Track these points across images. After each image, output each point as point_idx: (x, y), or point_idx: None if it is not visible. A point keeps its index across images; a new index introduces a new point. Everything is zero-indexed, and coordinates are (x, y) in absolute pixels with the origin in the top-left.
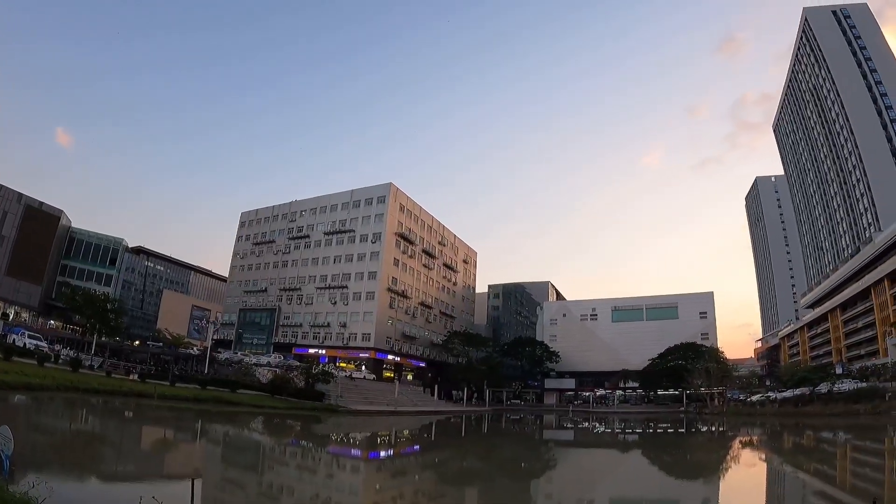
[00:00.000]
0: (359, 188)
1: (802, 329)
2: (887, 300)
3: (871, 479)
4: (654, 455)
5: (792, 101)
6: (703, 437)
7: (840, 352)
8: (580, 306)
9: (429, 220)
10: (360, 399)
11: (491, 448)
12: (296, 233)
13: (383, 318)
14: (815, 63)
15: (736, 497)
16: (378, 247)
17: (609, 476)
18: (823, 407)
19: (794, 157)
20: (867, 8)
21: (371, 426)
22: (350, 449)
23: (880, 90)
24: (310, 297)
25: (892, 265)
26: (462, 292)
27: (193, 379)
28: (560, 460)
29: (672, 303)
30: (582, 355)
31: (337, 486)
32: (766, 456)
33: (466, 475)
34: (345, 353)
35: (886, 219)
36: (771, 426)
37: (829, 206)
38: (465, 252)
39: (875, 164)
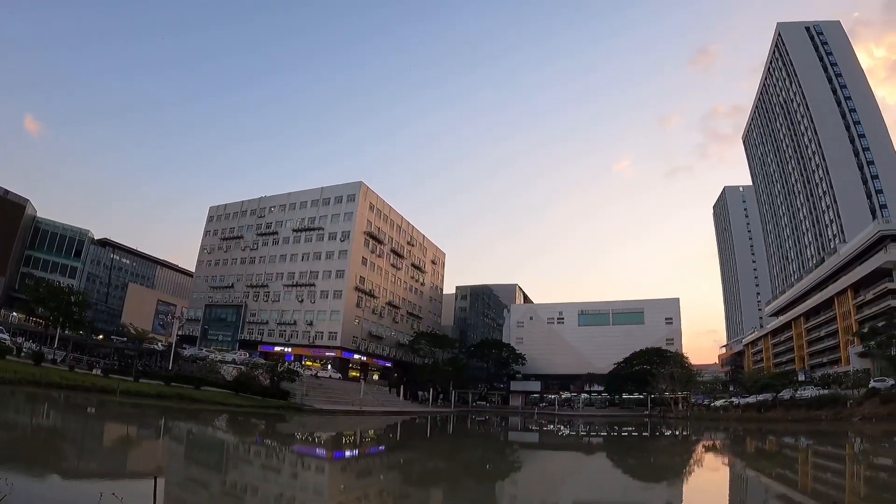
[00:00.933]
0: (329, 186)
1: (766, 336)
2: (850, 310)
3: (832, 483)
4: (619, 458)
5: (762, 114)
6: (667, 440)
7: (803, 359)
8: (547, 309)
9: (398, 219)
10: (326, 398)
11: (456, 449)
12: (264, 229)
13: (350, 317)
14: (786, 77)
15: (699, 500)
16: (346, 245)
17: (574, 478)
18: (786, 413)
19: (763, 168)
20: (840, 26)
21: (336, 426)
22: (315, 448)
23: (849, 106)
24: (277, 294)
25: (856, 276)
26: (429, 293)
27: (157, 375)
28: (525, 462)
29: (638, 308)
30: (548, 358)
31: (301, 485)
32: (730, 460)
33: (431, 476)
34: (311, 352)
35: (851, 231)
36: (734, 431)
37: (796, 217)
38: (434, 253)
39: (841, 177)
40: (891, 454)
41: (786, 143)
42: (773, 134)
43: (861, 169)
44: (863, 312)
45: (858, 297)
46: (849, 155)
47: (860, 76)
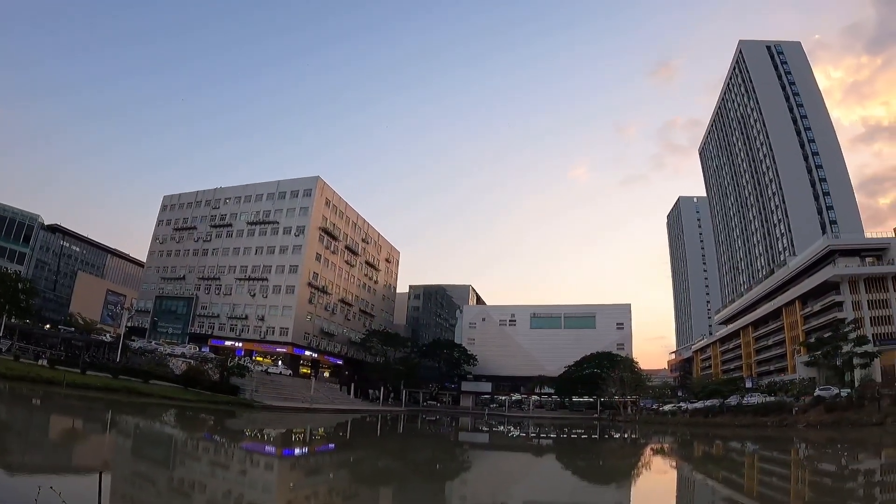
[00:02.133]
0: (285, 179)
1: (715, 344)
2: (797, 321)
3: (777, 487)
4: (568, 460)
5: (719, 128)
6: (615, 443)
7: (750, 367)
8: (499, 311)
9: (354, 216)
10: (276, 395)
11: (406, 448)
12: (218, 220)
13: (302, 314)
14: (745, 93)
15: (644, 502)
16: (301, 240)
17: (524, 479)
18: (733, 418)
19: (717, 180)
20: (800, 47)
21: (286, 423)
22: (264, 445)
23: (805, 124)
24: (229, 287)
25: (804, 288)
26: (383, 291)
27: (105, 367)
28: (475, 462)
29: (590, 312)
30: (499, 360)
31: (250, 483)
32: (677, 463)
33: (381, 475)
34: (262, 347)
35: (801, 244)
36: (682, 435)
37: (748, 229)
38: (389, 251)
39: (793, 192)
40: (834, 460)
41: (741, 157)
42: (728, 148)
43: (813, 185)
44: (810, 323)
45: (806, 309)
46: (802, 171)
47: (817, 96)
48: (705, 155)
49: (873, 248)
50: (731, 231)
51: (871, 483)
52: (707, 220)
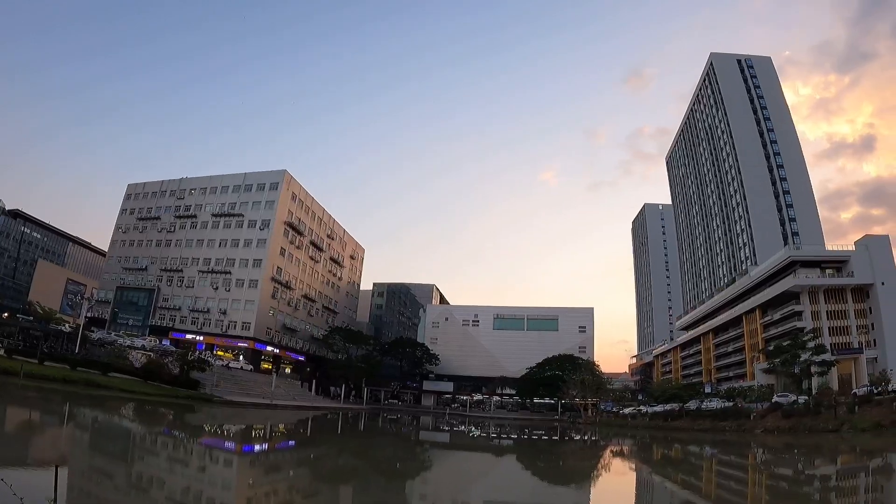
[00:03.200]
0: (252, 172)
1: (676, 349)
2: (757, 329)
3: (734, 490)
4: (529, 460)
5: (687, 137)
6: (576, 444)
7: (710, 372)
8: (463, 311)
9: (320, 212)
10: (237, 390)
11: (367, 447)
12: (183, 211)
13: (265, 308)
14: (714, 105)
15: (604, 502)
16: (266, 234)
17: (483, 479)
18: (692, 422)
19: (683, 188)
20: (770, 62)
21: (246, 419)
22: (224, 441)
23: (771, 137)
24: (191, 279)
25: (765, 297)
26: (347, 288)
27: (64, 358)
28: (436, 462)
29: (553, 315)
30: (462, 360)
31: (209, 479)
32: (636, 465)
33: (342, 473)
34: (223, 342)
35: (763, 254)
36: (641, 438)
37: (711, 238)
38: (354, 248)
39: (757, 203)
40: (791, 465)
41: (707, 166)
42: (695, 157)
43: (777, 197)
44: (769, 331)
45: (766, 317)
46: (766, 183)
47: (784, 111)
48: (672, 163)
49: (833, 261)
50: (695, 239)
51: (827, 488)
52: (671, 227)
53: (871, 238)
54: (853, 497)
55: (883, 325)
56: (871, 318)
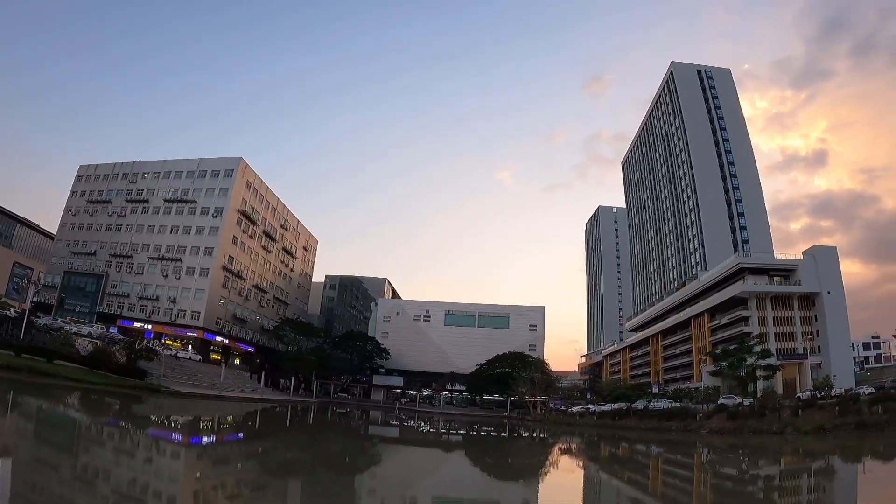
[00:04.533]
0: (207, 158)
1: (625, 350)
2: (705, 332)
3: (679, 489)
4: (477, 456)
5: (644, 143)
6: (524, 441)
7: (658, 373)
8: (415, 306)
9: (274, 201)
10: (185, 380)
11: (316, 441)
12: (135, 196)
13: (215, 298)
14: (672, 112)
15: (552, 500)
16: (218, 222)
17: (432, 474)
18: (639, 422)
19: (637, 193)
20: (729, 74)
21: (194, 410)
22: (171, 433)
23: (726, 147)
24: (141, 266)
25: (714, 302)
26: (298, 279)
27: (7, 344)
28: (385, 457)
29: (504, 313)
30: (412, 355)
31: (156, 471)
32: (584, 463)
33: (290, 467)
34: (172, 331)
35: (713, 260)
36: (589, 436)
37: (663, 242)
38: (307, 239)
39: (709, 210)
40: (735, 465)
41: (662, 172)
42: (651, 163)
43: (729, 205)
44: (717, 335)
45: (714, 321)
46: (719, 191)
47: (740, 122)
48: (628, 168)
49: (782, 269)
50: (647, 243)
51: (771, 488)
52: (624, 230)
53: (819, 248)
54: (796, 497)
55: (827, 332)
56: (817, 325)
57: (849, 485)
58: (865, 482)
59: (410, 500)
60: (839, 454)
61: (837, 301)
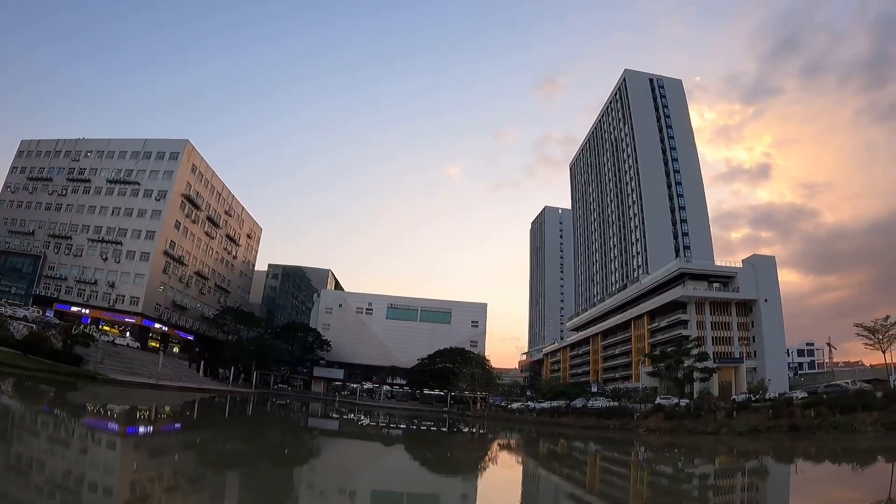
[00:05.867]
0: (152, 139)
1: (566, 349)
2: (645, 334)
3: (616, 485)
4: (417, 451)
5: (592, 146)
6: (464, 437)
7: (597, 373)
8: (357, 299)
9: (220, 186)
10: (122, 368)
11: (256, 432)
12: (77, 174)
13: (155, 283)
14: (622, 118)
15: (491, 494)
16: (162, 205)
17: (372, 468)
18: (578, 419)
19: (584, 196)
20: (681, 84)
21: (131, 399)
22: (108, 422)
23: (672, 155)
24: (80, 248)
25: (653, 305)
26: (241, 267)
27: None
28: (324, 449)
29: (447, 308)
30: (354, 347)
31: (91, 462)
32: (522, 459)
33: (228, 459)
34: (110, 316)
35: (654, 264)
36: (528, 432)
37: (606, 244)
38: (251, 226)
39: (653, 216)
40: (671, 463)
41: (609, 176)
42: (598, 167)
43: (673, 212)
44: (656, 337)
45: (654, 324)
46: (664, 198)
47: (688, 132)
48: (575, 170)
49: (721, 276)
50: (591, 244)
51: (705, 486)
52: (569, 231)
53: (758, 258)
54: (730, 495)
55: (763, 338)
56: (753, 331)
57: (782, 484)
58: (798, 482)
59: (350, 493)
60: (772, 455)
61: (774, 308)
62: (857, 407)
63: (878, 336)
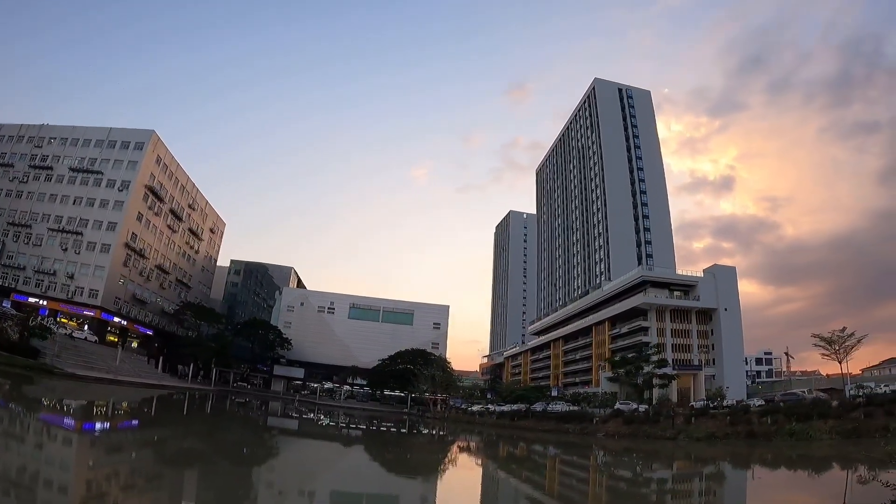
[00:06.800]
0: (118, 128)
1: (527, 353)
2: (605, 339)
3: (575, 489)
4: (377, 452)
5: (559, 153)
6: (424, 438)
7: (558, 377)
8: (319, 297)
9: (184, 179)
10: (80, 362)
11: (214, 431)
12: (39, 161)
13: (115, 276)
14: (590, 126)
15: (450, 496)
16: (125, 196)
17: (331, 468)
18: (537, 423)
19: (549, 201)
20: (649, 96)
21: (88, 394)
22: (64, 418)
23: (638, 165)
24: (39, 237)
25: (615, 311)
26: (203, 262)
27: None
28: (284, 449)
29: (409, 309)
30: (315, 346)
31: (47, 458)
32: (482, 461)
33: (187, 457)
34: (68, 309)
35: (617, 271)
36: (488, 435)
37: (570, 250)
38: (214, 221)
39: (617, 223)
40: (630, 467)
41: (575, 183)
42: (565, 173)
43: (636, 220)
44: (617, 343)
45: (615, 329)
46: (628, 206)
47: (655, 143)
48: (542, 176)
49: (682, 284)
50: (555, 250)
51: (664, 490)
52: (533, 236)
53: (719, 267)
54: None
55: (722, 346)
56: (713, 339)
57: (739, 489)
58: (755, 487)
59: (309, 493)
60: (730, 461)
61: (733, 318)
62: (812, 415)
63: (834, 347)
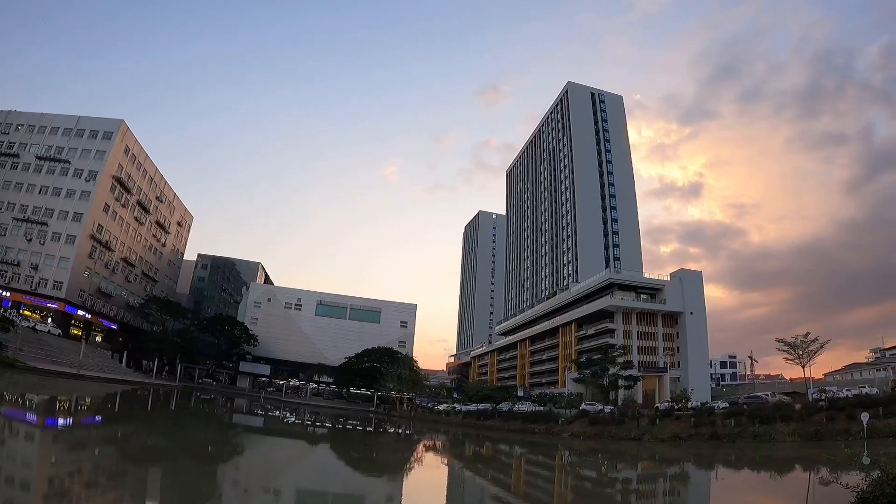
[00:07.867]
0: (86, 116)
1: (493, 352)
2: (572, 341)
3: (540, 488)
4: (343, 450)
5: (530, 155)
6: (390, 437)
7: (524, 377)
8: (287, 294)
9: (152, 171)
10: (42, 356)
11: (179, 427)
12: (5, 148)
13: (80, 268)
14: (560, 129)
15: (416, 494)
16: (91, 186)
17: (297, 466)
18: (504, 423)
19: (519, 202)
20: (621, 101)
21: (51, 389)
22: (26, 413)
23: (608, 168)
24: (3, 227)
25: (582, 312)
26: (170, 256)
27: None
28: (249, 447)
29: (376, 307)
30: (281, 343)
31: (8, 454)
32: (448, 460)
33: (151, 454)
34: (31, 300)
35: (585, 273)
36: (454, 434)
37: (538, 252)
38: (182, 214)
39: (586, 226)
40: (594, 467)
41: (545, 185)
42: (535, 175)
43: (605, 223)
44: (583, 345)
45: (581, 331)
46: (597, 209)
47: (625, 148)
48: (512, 177)
49: (649, 287)
50: (523, 251)
51: (628, 490)
52: (502, 236)
53: (686, 272)
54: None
55: (688, 349)
56: (678, 342)
57: (702, 490)
58: (718, 488)
59: (275, 491)
60: (693, 461)
61: (699, 321)
62: (775, 418)
63: (797, 351)
